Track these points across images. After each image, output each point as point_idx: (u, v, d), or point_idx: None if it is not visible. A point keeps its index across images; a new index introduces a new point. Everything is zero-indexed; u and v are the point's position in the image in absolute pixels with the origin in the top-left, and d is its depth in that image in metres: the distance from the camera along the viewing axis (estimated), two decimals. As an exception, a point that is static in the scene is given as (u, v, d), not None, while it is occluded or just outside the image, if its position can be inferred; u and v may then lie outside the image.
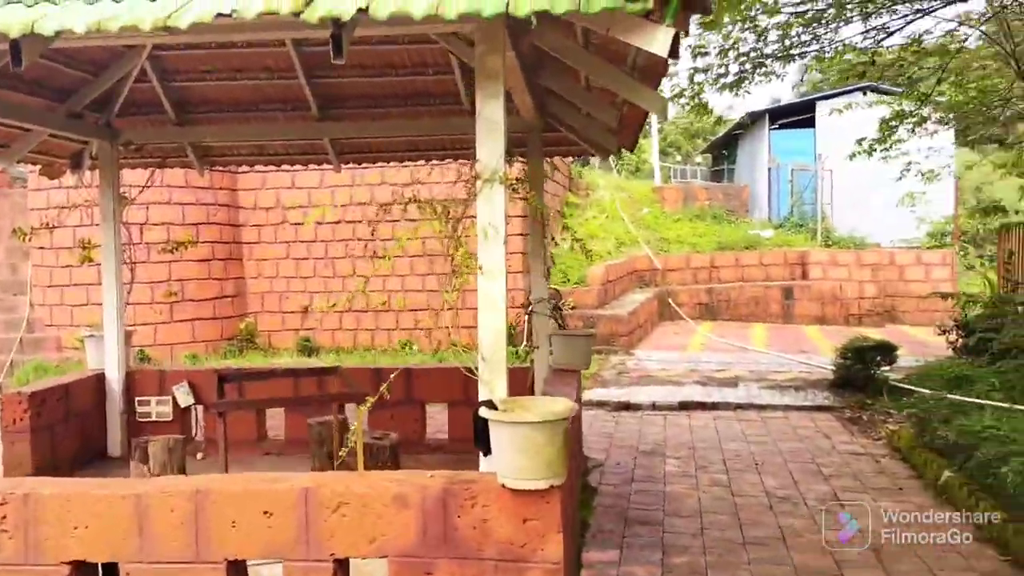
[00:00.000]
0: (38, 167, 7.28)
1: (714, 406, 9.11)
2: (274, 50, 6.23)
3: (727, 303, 17.11)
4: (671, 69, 9.22)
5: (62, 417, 6.36)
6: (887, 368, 9.40)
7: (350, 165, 7.76)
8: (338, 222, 12.84)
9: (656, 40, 2.96)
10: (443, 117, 6.71)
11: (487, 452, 3.27)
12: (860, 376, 9.38)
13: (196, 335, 12.10)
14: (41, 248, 12.58)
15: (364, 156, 7.46)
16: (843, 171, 19.79)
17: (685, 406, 9.11)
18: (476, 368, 3.46)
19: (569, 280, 14.21)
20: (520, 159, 6.46)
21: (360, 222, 12.80)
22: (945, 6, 9.83)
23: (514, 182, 3.89)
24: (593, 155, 6.84)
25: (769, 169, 24.41)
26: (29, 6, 3.12)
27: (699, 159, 38.11)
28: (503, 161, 3.42)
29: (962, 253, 21.00)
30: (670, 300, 16.33)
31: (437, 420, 7.09)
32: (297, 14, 2.87)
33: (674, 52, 2.98)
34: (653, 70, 4.16)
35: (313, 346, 12.64)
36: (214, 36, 4.13)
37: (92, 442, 6.75)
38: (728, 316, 16.82)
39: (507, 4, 2.84)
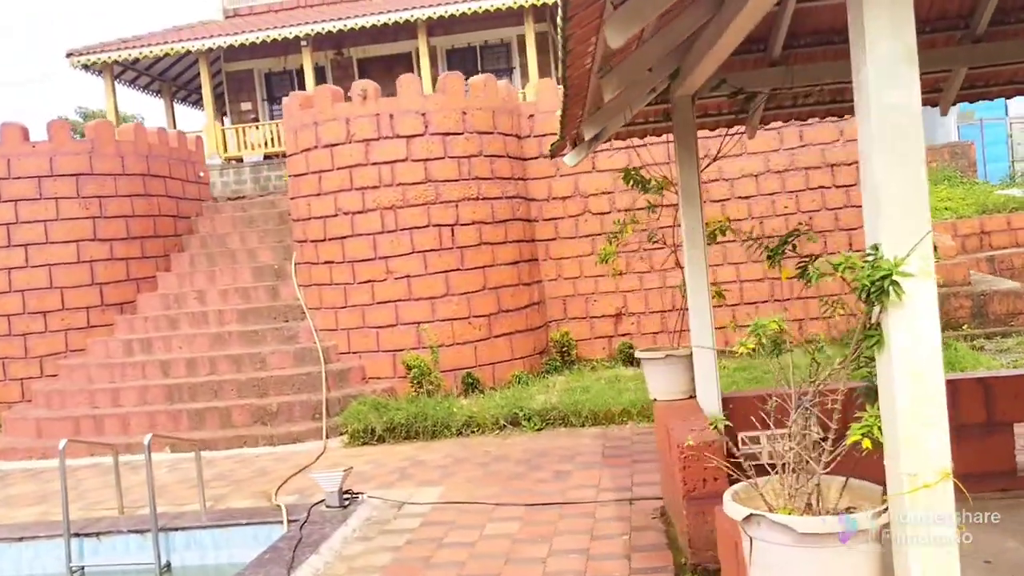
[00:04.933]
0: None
1: None
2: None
3: (1011, 271, 15.15)
4: None
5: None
6: None
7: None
8: (656, 206, 10.99)
9: None
10: None
11: None
12: None
13: (515, 351, 10.34)
14: (308, 264, 10.88)
15: (989, 91, 5.61)
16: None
17: None
18: None
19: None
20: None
21: (681, 205, 10.97)
22: None
23: None
24: None
25: (959, 127, 22.24)
26: None
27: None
28: None
29: None
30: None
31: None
32: None
33: None
34: None
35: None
36: None
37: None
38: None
39: None
